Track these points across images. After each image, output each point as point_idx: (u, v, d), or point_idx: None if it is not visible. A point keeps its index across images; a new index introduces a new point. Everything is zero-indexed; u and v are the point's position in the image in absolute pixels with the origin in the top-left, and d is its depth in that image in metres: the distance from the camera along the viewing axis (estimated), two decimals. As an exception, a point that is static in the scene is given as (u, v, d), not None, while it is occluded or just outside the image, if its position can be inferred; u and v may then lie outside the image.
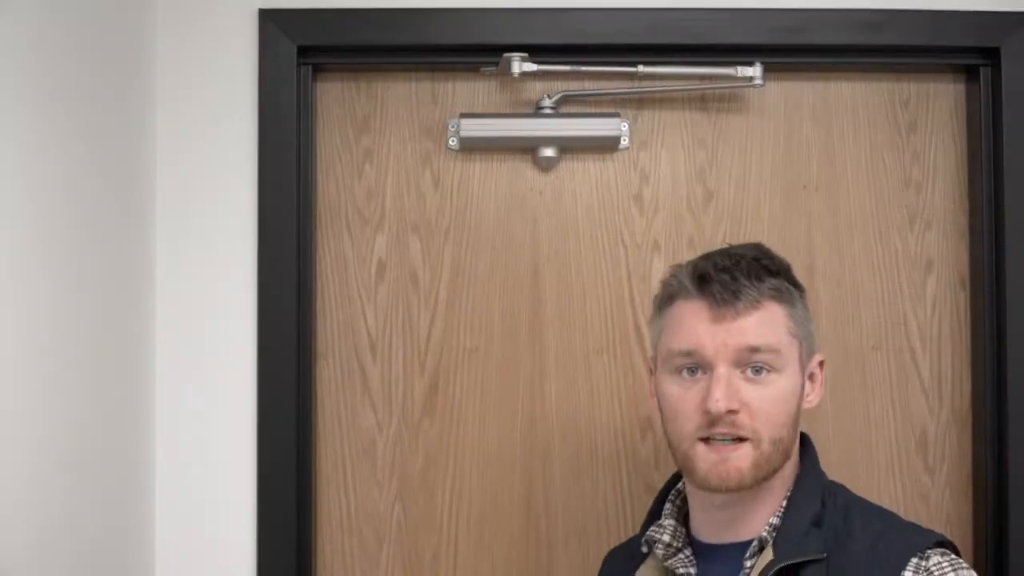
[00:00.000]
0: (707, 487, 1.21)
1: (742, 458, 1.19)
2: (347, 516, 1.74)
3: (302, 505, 1.69)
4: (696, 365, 1.22)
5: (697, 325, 1.22)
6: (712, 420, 1.19)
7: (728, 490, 1.20)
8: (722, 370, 1.20)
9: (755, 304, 1.21)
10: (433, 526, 1.74)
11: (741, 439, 1.19)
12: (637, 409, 1.75)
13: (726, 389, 1.19)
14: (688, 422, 1.21)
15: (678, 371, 1.23)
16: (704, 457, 1.20)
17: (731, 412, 1.19)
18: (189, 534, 1.67)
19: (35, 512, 1.27)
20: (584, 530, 1.74)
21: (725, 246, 1.30)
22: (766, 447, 1.20)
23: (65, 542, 1.36)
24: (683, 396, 1.22)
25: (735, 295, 1.21)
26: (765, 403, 1.20)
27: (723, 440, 1.20)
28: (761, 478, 1.21)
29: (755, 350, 1.20)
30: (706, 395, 1.19)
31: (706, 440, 1.20)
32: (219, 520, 1.68)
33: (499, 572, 1.74)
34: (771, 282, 1.23)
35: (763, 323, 1.21)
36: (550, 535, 1.74)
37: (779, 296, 1.23)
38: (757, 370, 1.21)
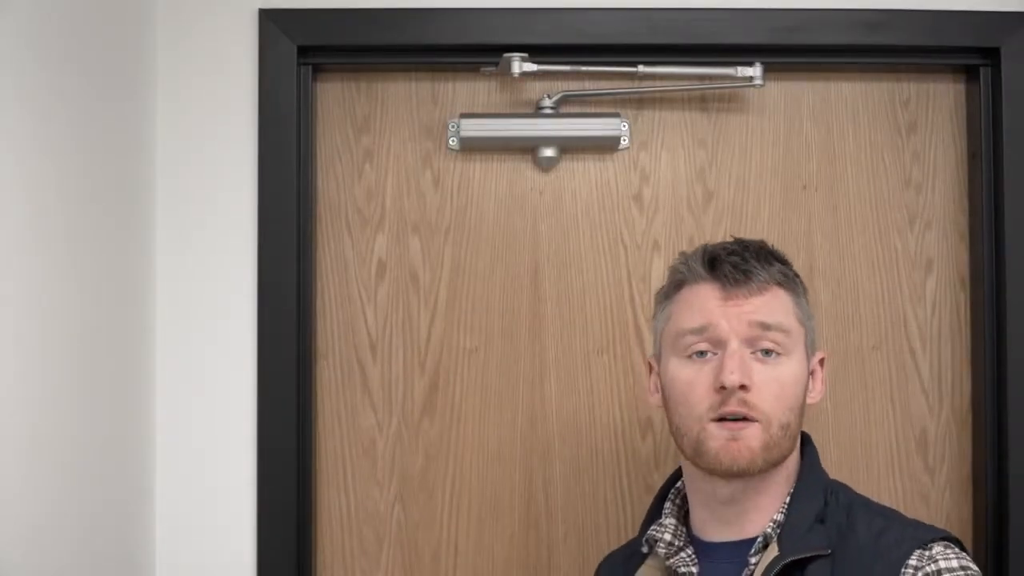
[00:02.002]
0: (718, 467, 1.20)
1: (752, 437, 1.19)
2: (347, 516, 1.74)
3: (302, 505, 1.69)
4: (707, 345, 1.22)
5: (709, 303, 1.23)
6: (725, 398, 1.19)
7: (739, 470, 1.20)
8: (735, 345, 1.20)
9: (765, 286, 1.23)
10: (433, 526, 1.74)
11: (749, 419, 1.20)
12: (637, 409, 1.75)
13: (740, 363, 1.19)
14: (700, 403, 1.21)
15: (688, 354, 1.23)
16: (715, 435, 1.20)
17: (743, 388, 1.19)
18: (189, 534, 1.67)
19: (35, 514, 1.27)
20: (584, 530, 1.74)
21: (730, 239, 1.31)
22: (775, 430, 1.20)
23: (65, 543, 1.36)
24: (694, 378, 1.22)
25: (746, 275, 1.22)
26: (774, 384, 1.20)
27: (734, 419, 1.20)
28: (771, 462, 1.21)
29: (766, 327, 1.21)
30: (718, 372, 1.20)
31: (717, 421, 1.20)
32: (219, 520, 1.68)
33: (499, 572, 1.74)
34: (779, 267, 1.25)
35: (773, 304, 1.23)
36: (550, 535, 1.74)
37: (786, 282, 1.25)
38: (767, 352, 1.22)
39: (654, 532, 1.28)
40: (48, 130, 1.31)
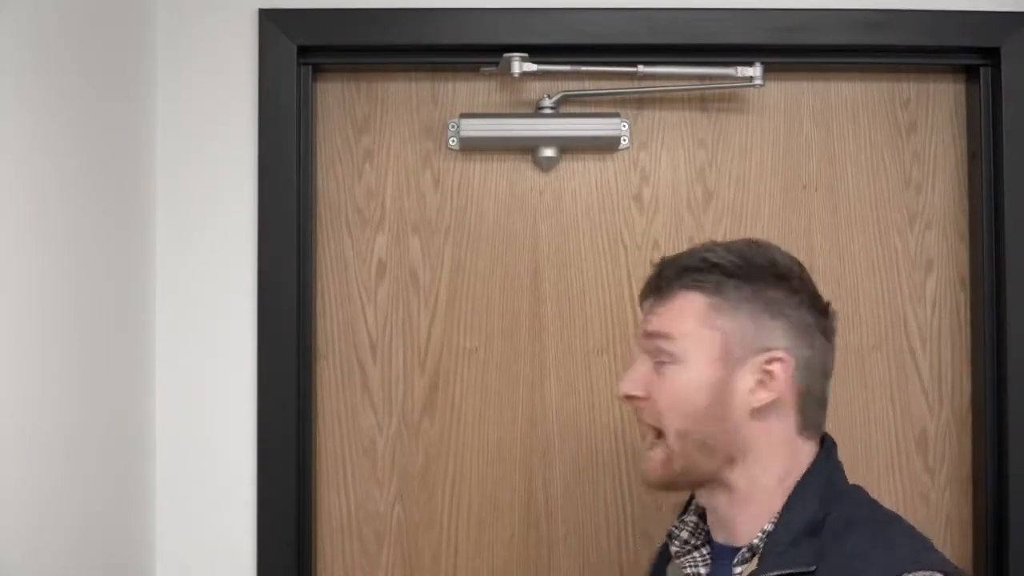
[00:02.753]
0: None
1: (655, 455, 1.21)
2: (347, 516, 1.74)
3: (302, 505, 1.69)
4: None
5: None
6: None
7: (650, 486, 1.24)
8: (638, 356, 1.23)
9: (669, 295, 1.21)
10: (433, 526, 1.74)
11: (659, 433, 1.21)
12: (637, 409, 1.74)
13: (631, 373, 1.22)
14: None
15: None
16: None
17: (633, 398, 1.22)
18: (189, 533, 1.67)
19: (35, 514, 1.27)
20: (584, 530, 1.74)
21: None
22: (672, 442, 1.18)
23: (65, 543, 1.36)
24: None
25: (656, 289, 1.24)
26: (662, 393, 1.19)
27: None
28: (678, 476, 1.20)
29: (650, 336, 1.21)
30: None
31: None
32: (219, 520, 1.68)
33: (499, 572, 1.74)
34: (697, 275, 1.20)
35: (669, 313, 1.21)
36: (550, 535, 1.74)
37: (702, 287, 1.20)
38: (660, 362, 1.20)
39: (674, 528, 1.29)
40: (48, 130, 1.31)
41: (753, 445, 1.19)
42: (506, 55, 1.68)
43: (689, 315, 1.19)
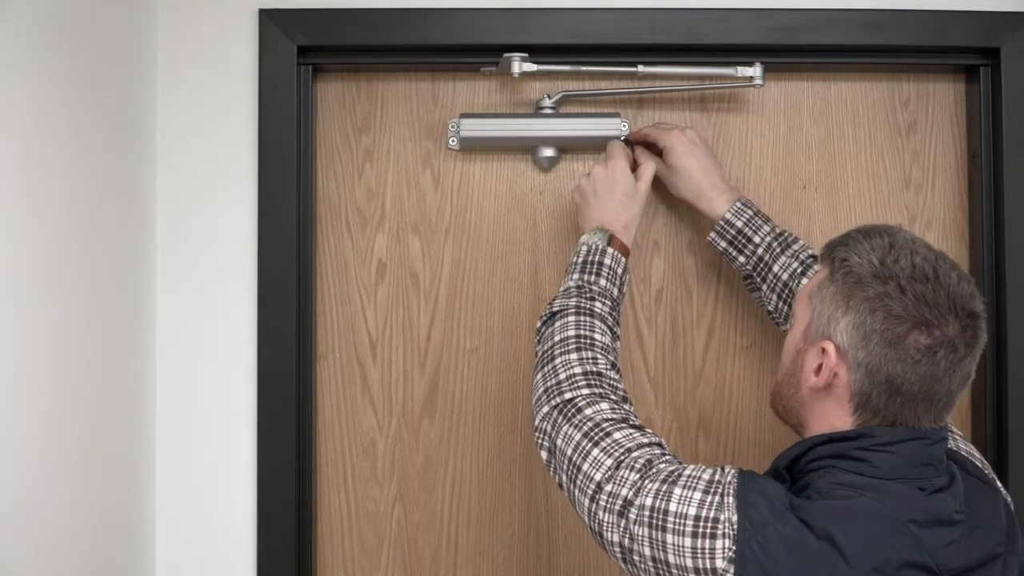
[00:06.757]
0: None
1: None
2: (347, 516, 1.74)
3: (302, 505, 1.69)
4: None
5: None
6: None
7: None
8: None
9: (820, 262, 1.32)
10: (433, 526, 1.74)
11: None
12: (636, 409, 1.74)
13: None
14: None
15: None
16: None
17: None
18: (189, 534, 1.67)
19: (35, 513, 1.27)
20: (584, 530, 1.74)
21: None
22: (775, 386, 1.34)
23: (65, 543, 1.36)
24: None
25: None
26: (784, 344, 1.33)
27: None
28: (781, 415, 1.33)
29: None
30: None
31: None
32: (219, 520, 1.68)
33: (499, 572, 1.74)
34: (830, 251, 1.28)
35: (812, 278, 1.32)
36: (550, 535, 1.74)
37: (830, 263, 1.28)
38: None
39: None
40: (49, 131, 1.31)
41: (810, 423, 1.27)
42: (506, 55, 1.68)
43: (809, 284, 1.29)
